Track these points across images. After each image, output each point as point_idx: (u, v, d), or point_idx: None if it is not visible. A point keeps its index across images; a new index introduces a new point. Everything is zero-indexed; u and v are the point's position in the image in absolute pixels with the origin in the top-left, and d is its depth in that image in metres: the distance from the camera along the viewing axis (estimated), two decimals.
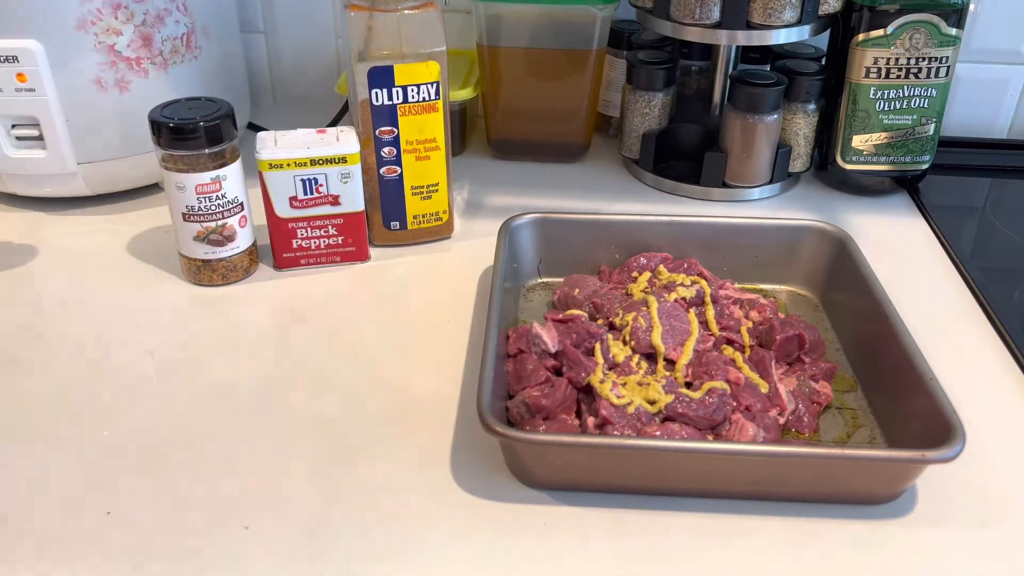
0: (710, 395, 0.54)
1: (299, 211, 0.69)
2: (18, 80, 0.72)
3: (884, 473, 0.50)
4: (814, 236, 0.69)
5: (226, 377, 0.60)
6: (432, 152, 0.72)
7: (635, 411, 0.53)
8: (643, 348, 0.58)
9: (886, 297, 0.60)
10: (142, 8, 0.74)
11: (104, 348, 0.63)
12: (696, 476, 0.51)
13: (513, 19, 0.85)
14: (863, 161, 0.83)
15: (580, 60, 0.85)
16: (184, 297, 0.69)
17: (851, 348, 0.63)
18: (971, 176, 0.93)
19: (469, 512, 0.50)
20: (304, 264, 0.72)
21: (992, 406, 0.58)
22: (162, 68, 0.77)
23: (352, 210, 0.70)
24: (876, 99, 0.79)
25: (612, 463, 0.50)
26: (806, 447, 0.53)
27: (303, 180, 0.68)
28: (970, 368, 0.62)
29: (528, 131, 0.90)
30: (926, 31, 0.76)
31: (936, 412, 0.50)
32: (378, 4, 0.66)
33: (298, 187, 0.68)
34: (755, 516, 0.50)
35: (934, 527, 0.50)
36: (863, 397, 0.59)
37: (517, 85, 0.88)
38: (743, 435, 0.52)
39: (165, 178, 0.67)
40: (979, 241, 0.82)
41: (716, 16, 0.76)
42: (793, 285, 0.70)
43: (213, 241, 0.68)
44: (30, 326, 0.66)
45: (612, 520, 0.50)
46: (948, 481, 0.52)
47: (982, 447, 0.54)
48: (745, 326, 0.61)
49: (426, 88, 0.69)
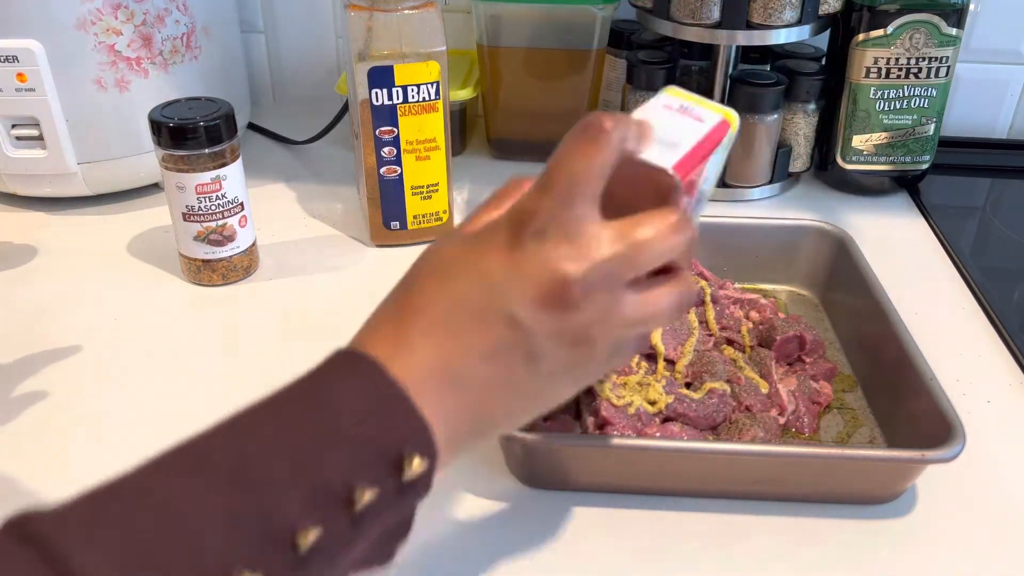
0: (710, 395, 0.54)
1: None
2: (18, 80, 0.72)
3: (884, 473, 0.50)
4: (814, 236, 0.69)
5: (226, 377, 0.60)
6: (432, 152, 0.72)
7: (635, 411, 0.53)
8: (643, 348, 0.58)
9: (886, 297, 0.60)
10: (142, 8, 0.74)
11: (104, 348, 0.63)
12: (696, 476, 0.51)
13: (513, 19, 0.85)
14: (863, 161, 0.83)
15: (580, 60, 0.85)
16: (184, 297, 0.69)
17: (851, 348, 0.63)
18: (971, 176, 0.93)
19: (469, 512, 0.50)
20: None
21: (992, 406, 0.58)
22: (162, 68, 0.77)
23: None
24: (876, 99, 0.79)
25: (612, 463, 0.50)
26: (806, 447, 0.53)
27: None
28: (970, 368, 0.62)
29: (528, 131, 0.90)
30: (926, 31, 0.76)
31: (936, 412, 0.50)
32: (378, 4, 0.66)
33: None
34: (755, 516, 0.50)
35: (934, 527, 0.50)
36: (863, 397, 0.59)
37: (517, 85, 0.88)
38: (743, 435, 0.52)
39: (165, 178, 0.67)
40: (979, 241, 0.82)
41: (716, 16, 0.76)
42: (793, 285, 0.70)
43: (213, 241, 0.68)
44: (30, 326, 0.66)
45: (612, 520, 0.50)
46: (948, 481, 0.52)
47: (982, 447, 0.54)
48: (745, 326, 0.61)
49: (426, 88, 0.69)
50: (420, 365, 0.34)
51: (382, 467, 0.32)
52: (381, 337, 0.36)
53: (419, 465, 0.32)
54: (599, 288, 0.36)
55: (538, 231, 0.35)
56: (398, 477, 0.32)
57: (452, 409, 0.35)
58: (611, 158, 0.37)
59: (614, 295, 0.37)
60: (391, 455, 0.32)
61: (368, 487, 0.31)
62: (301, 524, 0.29)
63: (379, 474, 0.32)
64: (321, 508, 0.30)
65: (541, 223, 0.35)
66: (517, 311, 0.35)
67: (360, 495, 0.31)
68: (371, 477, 0.31)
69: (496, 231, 0.37)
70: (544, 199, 0.36)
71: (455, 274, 0.37)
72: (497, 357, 0.36)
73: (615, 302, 0.37)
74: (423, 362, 0.35)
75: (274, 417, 0.33)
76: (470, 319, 0.36)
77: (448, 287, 0.36)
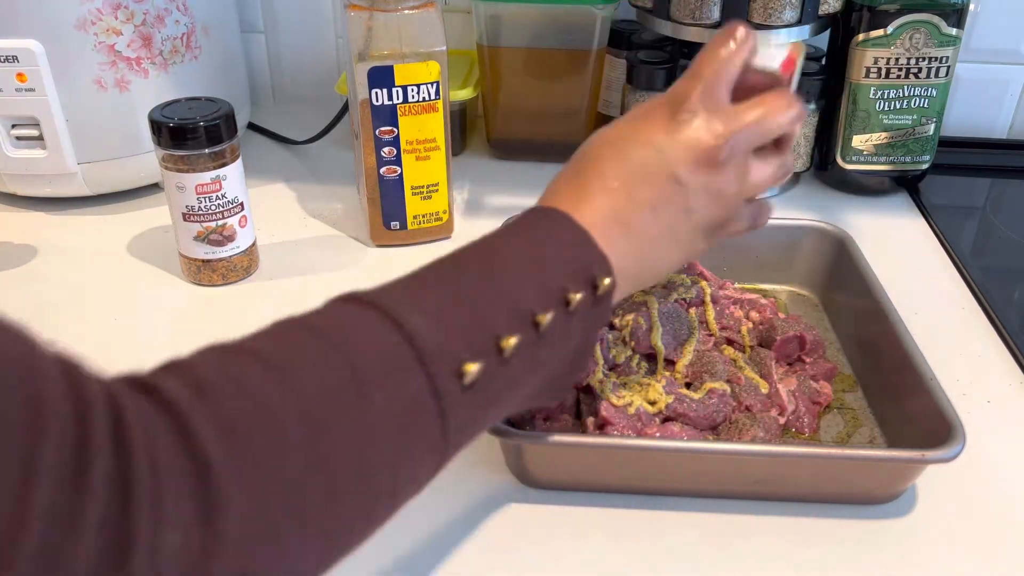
0: (710, 395, 0.54)
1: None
2: (18, 80, 0.72)
3: (884, 473, 0.50)
4: (814, 236, 0.69)
5: None
6: (432, 152, 0.72)
7: (635, 411, 0.53)
8: (643, 348, 0.58)
9: (886, 297, 0.60)
10: (142, 8, 0.74)
11: (104, 348, 0.63)
12: (696, 476, 0.51)
13: (513, 19, 0.85)
14: (863, 161, 0.82)
15: (580, 60, 0.85)
16: (184, 297, 0.69)
17: (851, 348, 0.63)
18: (971, 176, 0.93)
19: (469, 512, 0.50)
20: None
21: (992, 406, 0.58)
22: (162, 68, 0.77)
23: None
24: (876, 99, 0.79)
25: (612, 463, 0.50)
26: (806, 447, 0.53)
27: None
28: (970, 368, 0.62)
29: (528, 131, 0.90)
30: (926, 31, 0.76)
31: (936, 412, 0.50)
32: (378, 4, 0.66)
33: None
34: (755, 516, 0.50)
35: (934, 527, 0.50)
36: (863, 397, 0.59)
37: (517, 85, 0.88)
38: (743, 435, 0.52)
39: (165, 178, 0.67)
40: (979, 241, 0.82)
41: (716, 16, 0.76)
42: (793, 285, 0.70)
43: (213, 241, 0.68)
44: (30, 326, 0.66)
45: (612, 520, 0.50)
46: (948, 481, 0.52)
47: (982, 447, 0.54)
48: (745, 326, 0.61)
49: (426, 88, 0.69)
50: (600, 214, 0.43)
51: (582, 280, 0.41)
52: (563, 197, 0.45)
53: (607, 284, 0.42)
54: (737, 152, 0.45)
55: (691, 108, 0.45)
56: (593, 292, 0.41)
57: (625, 250, 0.44)
58: (743, 54, 0.46)
59: (746, 159, 0.46)
60: (588, 273, 0.41)
61: (576, 292, 0.40)
62: (538, 309, 0.39)
63: (581, 285, 0.41)
64: (548, 300, 0.40)
65: (693, 102, 0.45)
66: (679, 170, 0.44)
67: (572, 296, 0.40)
68: (577, 285, 0.41)
69: (658, 110, 0.46)
70: (695, 84, 0.45)
71: (626, 144, 0.45)
72: (662, 208, 0.45)
73: (746, 165, 0.46)
74: (602, 211, 0.43)
75: (504, 240, 0.42)
76: (641, 178, 0.44)
77: (620, 154, 0.45)
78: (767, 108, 0.46)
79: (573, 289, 0.40)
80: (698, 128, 0.45)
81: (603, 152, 0.46)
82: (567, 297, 0.40)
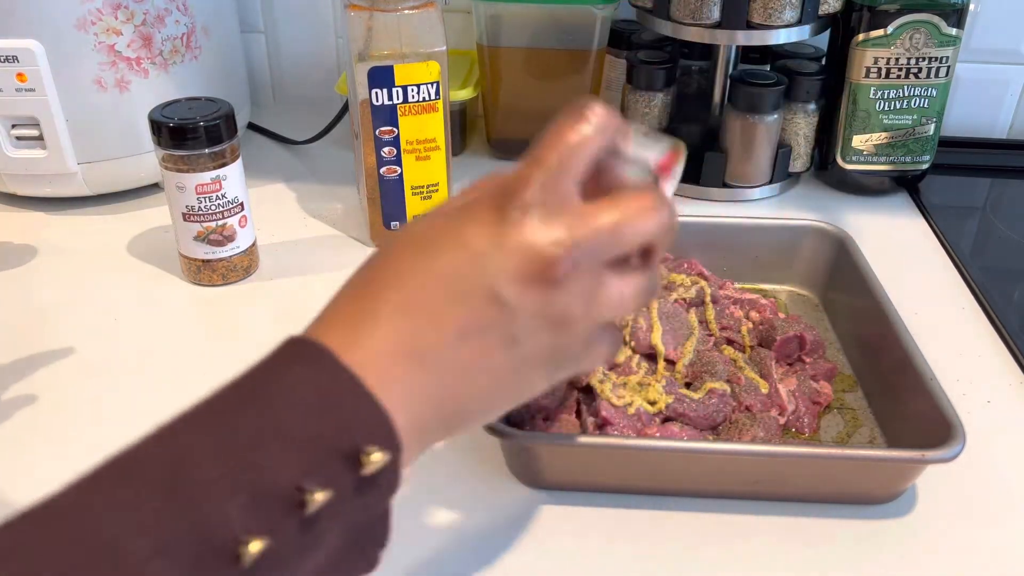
0: (710, 395, 0.54)
1: None
2: (18, 80, 0.72)
3: (884, 473, 0.50)
4: (814, 236, 0.69)
5: (226, 377, 0.60)
6: (432, 152, 0.72)
7: (635, 411, 0.53)
8: (643, 348, 0.58)
9: (886, 297, 0.60)
10: (142, 8, 0.74)
11: (104, 348, 0.63)
12: (696, 476, 0.51)
13: (513, 19, 0.85)
14: (863, 161, 0.83)
15: (580, 60, 0.85)
16: (184, 297, 0.69)
17: (851, 348, 0.63)
18: (971, 176, 0.93)
19: (469, 512, 0.50)
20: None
21: (992, 406, 0.58)
22: (162, 68, 0.77)
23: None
24: (876, 99, 0.79)
25: (612, 463, 0.50)
26: (806, 447, 0.53)
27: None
28: (970, 368, 0.62)
29: (528, 131, 0.88)
30: (926, 31, 0.76)
31: (936, 412, 0.50)
32: (378, 4, 0.66)
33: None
34: (755, 516, 0.50)
35: (934, 527, 0.50)
36: (863, 397, 0.59)
37: (517, 85, 0.88)
38: (743, 435, 0.52)
39: (165, 178, 0.67)
40: (979, 241, 0.82)
41: (716, 16, 0.76)
42: (793, 285, 0.70)
43: (213, 241, 0.68)
44: (30, 326, 0.66)
45: (612, 520, 0.50)
46: (948, 481, 0.52)
47: (982, 447, 0.54)
48: (745, 326, 0.61)
49: (426, 88, 0.69)
50: (384, 345, 0.32)
51: (335, 464, 0.29)
52: (340, 319, 0.33)
53: (379, 459, 0.30)
54: (584, 266, 0.35)
55: (524, 205, 0.34)
56: (355, 474, 0.30)
57: (420, 394, 0.32)
58: (600, 142, 0.36)
59: (597, 275, 0.36)
60: (344, 450, 0.29)
61: (320, 488, 0.28)
62: (244, 534, 0.27)
63: (332, 472, 0.29)
64: (266, 515, 0.28)
65: (528, 197, 0.34)
66: (500, 287, 0.33)
67: (311, 497, 0.28)
68: (323, 477, 0.29)
69: (480, 204, 0.35)
70: (532, 173, 0.35)
71: (433, 247, 0.34)
72: (474, 337, 0.33)
73: (597, 283, 0.36)
74: (388, 342, 0.32)
75: (212, 417, 0.31)
76: (447, 294, 0.33)
77: (424, 260, 0.34)
78: (626, 210, 0.35)
79: (315, 484, 0.29)
80: (532, 231, 0.34)
81: (402, 256, 0.35)
82: (303, 499, 0.28)
